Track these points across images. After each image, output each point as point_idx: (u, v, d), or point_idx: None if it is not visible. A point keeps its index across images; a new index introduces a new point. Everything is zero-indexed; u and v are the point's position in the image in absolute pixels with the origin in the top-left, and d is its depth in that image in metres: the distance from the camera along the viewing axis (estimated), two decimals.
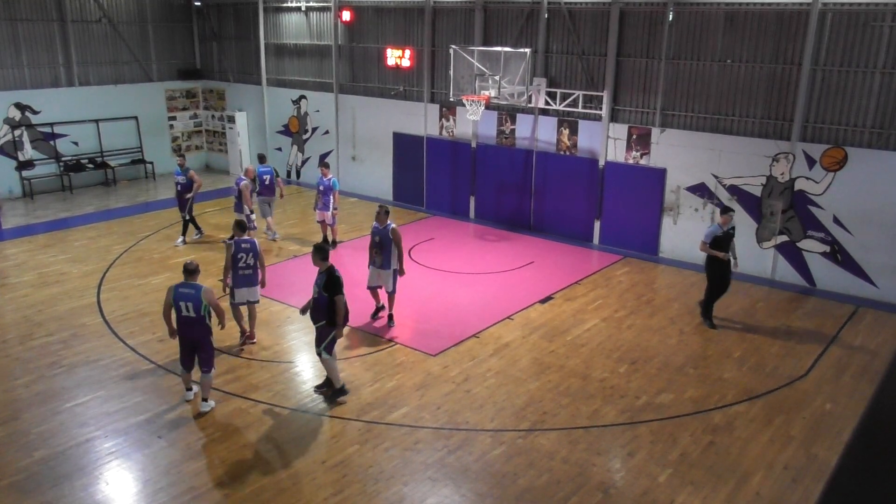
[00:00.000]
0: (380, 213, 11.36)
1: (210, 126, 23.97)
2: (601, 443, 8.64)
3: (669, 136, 15.02)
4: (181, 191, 15.55)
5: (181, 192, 15.57)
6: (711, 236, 11.59)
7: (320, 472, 7.97)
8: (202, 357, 9.11)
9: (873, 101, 12.78)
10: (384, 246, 11.33)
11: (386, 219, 11.32)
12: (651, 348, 11.18)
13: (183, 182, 15.47)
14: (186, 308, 8.79)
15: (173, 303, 8.84)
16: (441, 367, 10.45)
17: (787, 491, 7.80)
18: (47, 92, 20.12)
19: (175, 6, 22.99)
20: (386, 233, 11.27)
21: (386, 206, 11.49)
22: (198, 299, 8.77)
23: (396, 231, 11.35)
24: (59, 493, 7.60)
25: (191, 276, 8.93)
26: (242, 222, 10.89)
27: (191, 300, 8.77)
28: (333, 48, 20.09)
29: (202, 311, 8.82)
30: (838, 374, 10.44)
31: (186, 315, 8.83)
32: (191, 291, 8.81)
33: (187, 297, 8.79)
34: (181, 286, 8.87)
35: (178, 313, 8.86)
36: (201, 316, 8.84)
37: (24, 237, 16.27)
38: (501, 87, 15.36)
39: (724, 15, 14.01)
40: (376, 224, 11.40)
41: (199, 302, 8.78)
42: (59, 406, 9.26)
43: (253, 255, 10.56)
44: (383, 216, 11.31)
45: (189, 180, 15.42)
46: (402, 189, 19.66)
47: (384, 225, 11.29)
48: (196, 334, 8.94)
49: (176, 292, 8.83)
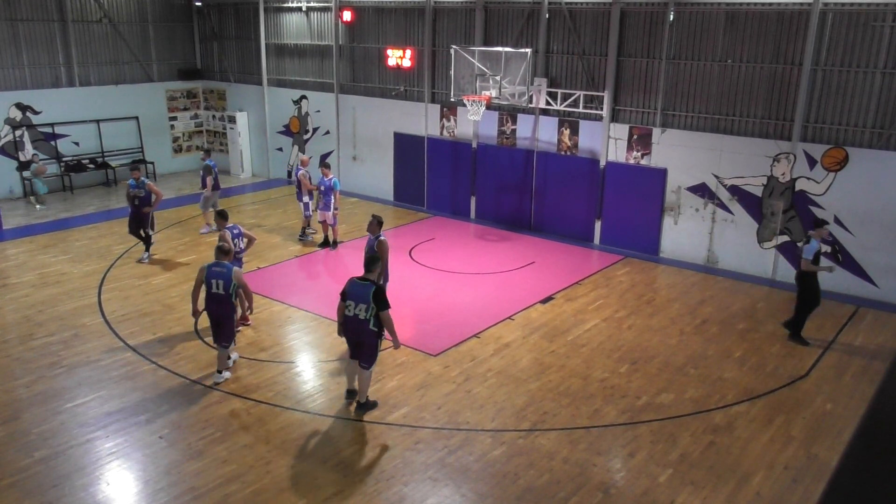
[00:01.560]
0: (372, 223, 10.97)
1: (211, 126, 23.98)
2: (601, 443, 8.64)
3: (670, 136, 15.01)
4: (139, 205, 14.21)
5: (139, 206, 14.21)
6: (813, 252, 10.95)
7: (321, 472, 7.97)
8: (223, 332, 9.77)
9: (874, 101, 12.78)
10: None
11: (378, 229, 10.90)
12: (651, 348, 11.17)
13: (142, 196, 14.17)
14: (217, 285, 9.52)
15: (204, 280, 9.56)
16: (442, 367, 10.44)
17: (788, 491, 7.80)
18: (48, 92, 20.14)
19: (176, 6, 23.01)
20: (371, 245, 10.84)
21: (379, 217, 11.08)
22: (228, 278, 9.52)
23: (383, 243, 10.76)
24: (59, 493, 7.60)
25: (224, 256, 9.68)
26: (224, 211, 11.61)
27: (222, 278, 9.51)
28: (334, 48, 20.09)
29: (231, 289, 9.53)
30: (839, 375, 10.44)
31: (216, 292, 9.56)
32: (223, 270, 9.56)
33: (219, 276, 9.53)
34: (214, 265, 9.62)
35: (207, 290, 9.58)
36: (229, 294, 9.56)
37: (24, 237, 16.28)
38: (502, 87, 15.36)
39: (724, 15, 14.00)
40: (369, 234, 11.10)
41: (229, 280, 9.51)
42: (60, 406, 9.26)
43: (240, 239, 11.21)
44: (375, 226, 10.91)
45: (148, 193, 14.22)
46: (402, 189, 19.66)
47: (375, 235, 10.90)
48: (222, 311, 9.65)
49: (209, 271, 9.58)
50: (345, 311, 8.81)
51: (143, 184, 14.28)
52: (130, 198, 14.26)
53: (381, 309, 8.64)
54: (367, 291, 8.64)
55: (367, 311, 8.63)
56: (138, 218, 14.35)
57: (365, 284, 8.73)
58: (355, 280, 8.82)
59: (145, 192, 14.24)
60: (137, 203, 14.24)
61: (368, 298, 8.60)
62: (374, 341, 8.87)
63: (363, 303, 8.64)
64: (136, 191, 14.21)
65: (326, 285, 13.86)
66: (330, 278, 14.32)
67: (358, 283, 8.76)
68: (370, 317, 8.65)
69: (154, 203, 14.40)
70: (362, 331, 8.76)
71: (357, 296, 8.70)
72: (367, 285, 8.70)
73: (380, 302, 8.63)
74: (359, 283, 8.77)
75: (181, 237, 16.40)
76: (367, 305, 8.62)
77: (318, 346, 11.14)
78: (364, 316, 8.67)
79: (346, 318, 8.83)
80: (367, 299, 8.61)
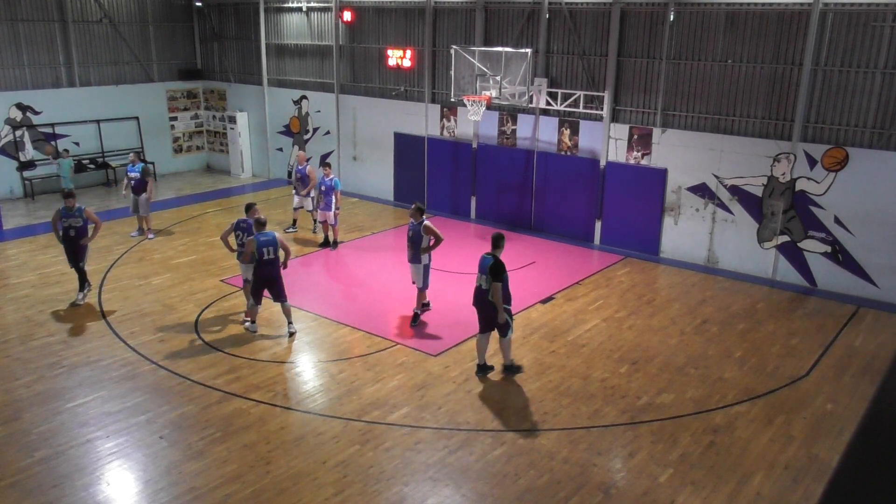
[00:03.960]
0: (413, 210, 11.62)
1: (211, 126, 23.99)
2: (602, 443, 8.64)
3: (670, 137, 15.01)
4: (76, 236, 12.24)
5: (76, 237, 12.25)
6: None
7: (321, 473, 7.97)
8: (279, 289, 11.09)
9: (874, 101, 12.78)
10: (415, 241, 11.52)
11: (419, 215, 11.54)
12: (652, 348, 11.17)
13: (79, 226, 12.27)
14: (268, 252, 10.85)
15: (256, 250, 10.72)
16: (442, 367, 10.44)
17: (788, 491, 7.79)
18: (48, 92, 20.15)
19: (176, 6, 23.01)
20: (418, 228, 11.48)
21: (420, 205, 11.70)
22: (275, 242, 10.94)
23: (428, 226, 11.47)
24: (59, 493, 7.61)
25: (265, 227, 11.03)
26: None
27: (272, 244, 10.89)
28: (334, 48, 20.09)
29: (277, 251, 10.93)
30: (839, 375, 10.43)
31: (269, 258, 10.87)
32: (270, 238, 10.93)
33: (269, 243, 10.88)
34: (260, 236, 10.87)
35: (260, 258, 10.81)
36: (277, 256, 10.96)
37: (25, 237, 16.29)
38: (502, 87, 15.36)
39: (724, 15, 14.00)
40: (411, 220, 11.63)
41: (276, 244, 10.93)
42: (60, 406, 9.26)
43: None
44: (416, 213, 11.56)
45: (85, 221, 12.37)
46: (402, 189, 19.66)
47: (418, 221, 11.49)
48: (275, 272, 11.02)
49: (258, 241, 10.80)
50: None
51: (79, 212, 12.31)
52: (65, 228, 12.29)
53: (494, 279, 9.62)
54: (487, 264, 9.69)
55: (487, 281, 9.68)
56: (75, 251, 12.38)
57: (487, 258, 9.78)
58: (484, 254, 9.91)
59: (83, 220, 12.34)
60: (74, 234, 12.25)
61: (487, 270, 9.64)
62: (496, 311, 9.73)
63: (484, 274, 9.73)
64: (71, 220, 12.25)
65: (326, 285, 13.87)
66: (330, 278, 14.33)
67: (484, 257, 9.88)
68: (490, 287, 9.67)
69: (92, 234, 12.52)
70: (484, 300, 9.79)
71: (482, 267, 9.84)
72: (489, 258, 9.74)
73: (494, 272, 9.64)
74: (485, 256, 9.87)
75: (181, 237, 16.40)
76: (486, 276, 9.67)
77: (318, 346, 11.15)
78: (486, 286, 9.73)
79: (475, 290, 9.95)
80: (487, 271, 9.65)
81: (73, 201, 12.35)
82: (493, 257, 9.72)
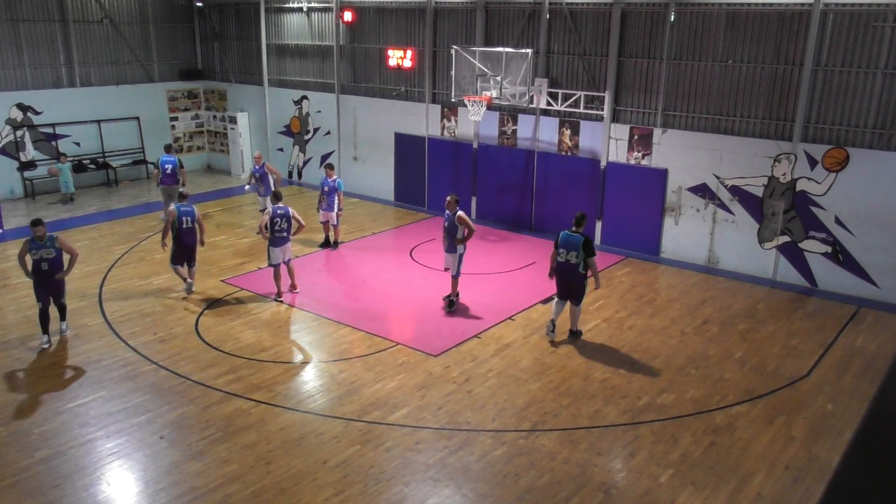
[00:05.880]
0: (449, 201, 12.08)
1: (211, 126, 23.99)
2: (602, 443, 8.64)
3: (671, 137, 15.01)
4: (49, 270, 10.58)
5: (49, 271, 10.58)
6: None
7: (321, 473, 7.97)
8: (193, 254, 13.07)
9: (875, 101, 12.77)
10: (451, 232, 12.02)
11: (455, 206, 12.02)
12: (652, 349, 11.17)
13: (52, 258, 10.58)
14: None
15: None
16: (442, 367, 10.45)
17: (789, 491, 7.79)
18: (49, 92, 20.15)
19: (176, 6, 23.02)
20: (453, 219, 11.96)
21: (455, 196, 12.22)
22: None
23: (462, 216, 11.96)
24: (60, 493, 7.61)
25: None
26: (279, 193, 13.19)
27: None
28: (335, 48, 20.10)
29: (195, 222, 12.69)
30: (840, 375, 10.43)
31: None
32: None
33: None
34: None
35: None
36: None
37: (25, 237, 16.22)
38: (503, 87, 15.36)
39: (725, 15, 14.00)
40: (447, 211, 12.08)
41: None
42: (61, 406, 9.27)
43: (286, 220, 12.48)
44: (453, 203, 12.04)
45: (59, 252, 10.72)
46: (403, 189, 19.66)
47: (453, 212, 11.97)
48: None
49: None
50: (557, 258, 10.93)
51: (51, 241, 10.61)
52: (36, 262, 10.52)
53: (588, 255, 10.71)
54: (577, 241, 10.75)
55: (577, 257, 10.72)
56: (51, 288, 10.71)
57: (574, 235, 10.80)
58: (567, 232, 10.90)
59: (55, 251, 10.65)
60: (47, 268, 10.55)
61: (579, 247, 10.70)
62: (581, 282, 11.00)
63: (574, 250, 10.74)
64: (42, 251, 10.54)
65: (327, 285, 13.87)
66: (330, 278, 14.33)
67: (569, 235, 10.87)
68: (580, 261, 10.75)
69: (68, 267, 10.88)
70: (572, 274, 10.86)
71: (569, 244, 10.80)
72: (578, 237, 10.75)
73: (588, 249, 10.72)
74: (570, 234, 10.86)
75: None
76: (577, 252, 10.71)
77: (318, 347, 11.15)
78: (575, 261, 10.78)
79: (559, 264, 10.96)
80: (578, 248, 10.71)
81: (44, 229, 10.58)
82: (581, 235, 10.74)
